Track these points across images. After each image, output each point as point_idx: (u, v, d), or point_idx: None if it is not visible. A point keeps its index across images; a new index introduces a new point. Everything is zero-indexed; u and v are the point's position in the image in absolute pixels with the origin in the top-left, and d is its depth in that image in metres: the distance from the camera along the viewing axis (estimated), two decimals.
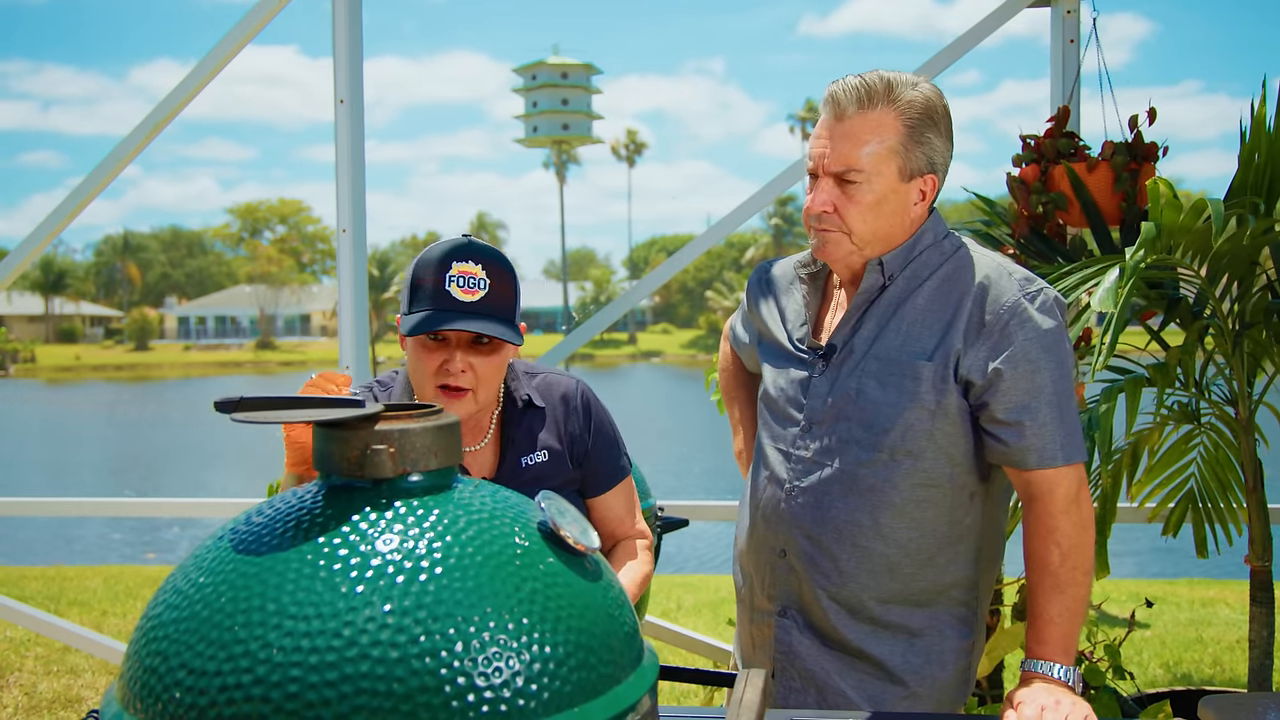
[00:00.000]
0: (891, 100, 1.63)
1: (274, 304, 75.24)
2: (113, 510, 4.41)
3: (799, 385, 1.78)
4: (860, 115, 1.63)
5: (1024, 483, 1.66)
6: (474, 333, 1.60)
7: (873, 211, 1.65)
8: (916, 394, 1.65)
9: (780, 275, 1.94)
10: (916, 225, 1.71)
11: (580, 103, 78.19)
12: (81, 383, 51.54)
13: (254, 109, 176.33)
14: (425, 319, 1.58)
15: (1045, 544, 1.62)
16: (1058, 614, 1.60)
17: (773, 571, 1.78)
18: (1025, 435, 1.62)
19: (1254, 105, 2.54)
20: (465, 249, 1.62)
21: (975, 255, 1.72)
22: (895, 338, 1.68)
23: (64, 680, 4.39)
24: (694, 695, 3.94)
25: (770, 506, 1.78)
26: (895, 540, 1.69)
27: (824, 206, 1.65)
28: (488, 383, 1.64)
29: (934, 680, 1.72)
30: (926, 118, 1.65)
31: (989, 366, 1.62)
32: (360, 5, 3.29)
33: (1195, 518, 2.84)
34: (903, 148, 1.64)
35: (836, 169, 1.64)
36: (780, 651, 1.78)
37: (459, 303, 1.58)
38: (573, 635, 0.82)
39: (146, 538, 10.78)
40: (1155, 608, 4.79)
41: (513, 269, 1.67)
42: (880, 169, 1.63)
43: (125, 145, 3.50)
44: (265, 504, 0.89)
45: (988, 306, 1.64)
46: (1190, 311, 2.67)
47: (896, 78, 1.65)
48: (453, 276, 1.59)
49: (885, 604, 1.71)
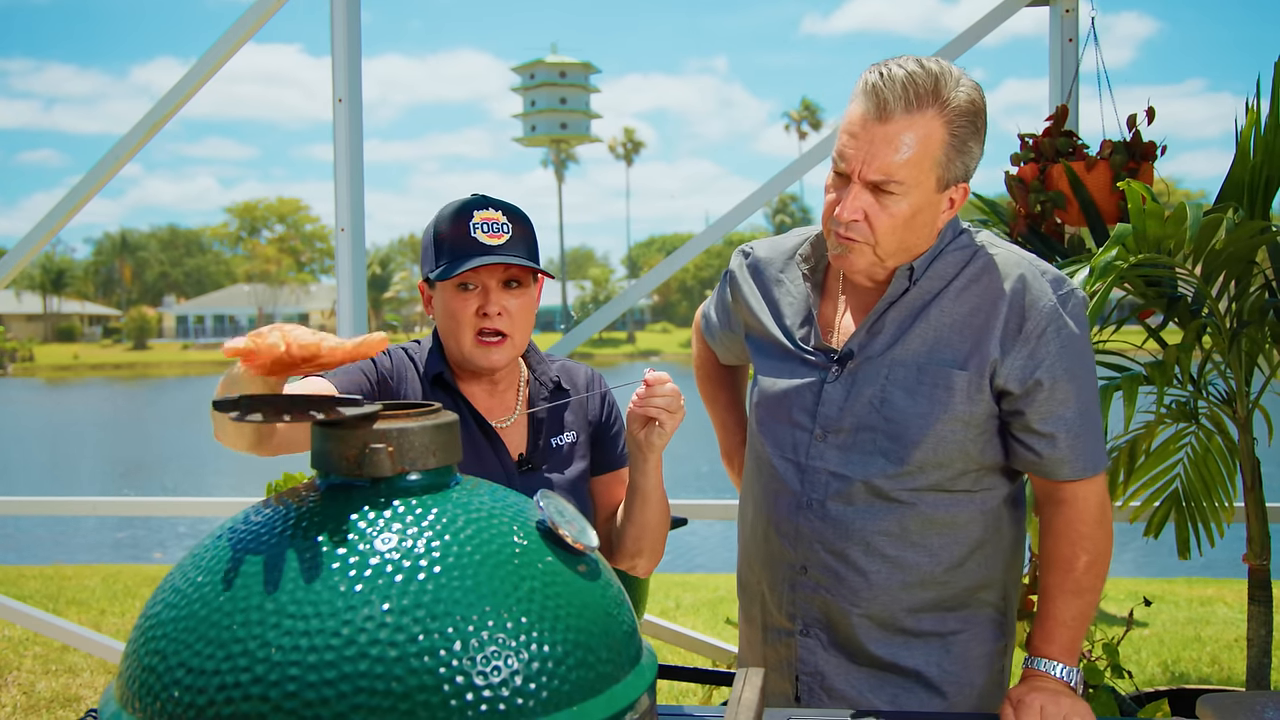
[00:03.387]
0: (939, 102, 1.50)
1: (272, 303, 75.17)
2: (112, 510, 4.41)
3: (809, 391, 1.66)
4: (906, 118, 1.49)
5: (1052, 487, 1.61)
6: (505, 276, 1.65)
7: (905, 225, 1.54)
8: (949, 404, 1.56)
9: (768, 262, 1.81)
10: (937, 232, 1.62)
11: (578, 101, 78.22)
12: (80, 382, 51.49)
13: (256, 108, 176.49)
14: (458, 262, 1.62)
15: (1074, 549, 1.58)
16: (1071, 618, 1.58)
17: (792, 589, 1.68)
18: (1059, 446, 1.57)
19: (1249, 104, 2.55)
20: (482, 200, 1.68)
21: (1001, 252, 1.63)
22: (921, 343, 1.59)
23: (62, 679, 4.39)
24: (693, 694, 3.94)
25: (784, 521, 1.67)
26: (927, 548, 1.61)
27: (855, 215, 1.53)
28: (522, 325, 1.69)
29: (971, 686, 1.66)
30: (971, 124, 1.53)
31: (1028, 376, 1.55)
32: (359, 4, 3.29)
33: (1179, 518, 2.84)
34: (945, 158, 1.52)
35: (875, 178, 1.51)
36: (805, 672, 1.68)
37: (487, 246, 1.63)
38: (571, 634, 0.82)
39: (154, 536, 10.77)
40: (1153, 606, 4.79)
41: (529, 218, 1.72)
42: (920, 180, 1.51)
43: (124, 144, 3.50)
44: (264, 503, 0.89)
45: (1026, 312, 1.55)
46: (1188, 310, 2.67)
47: (942, 72, 1.51)
48: (476, 224, 1.63)
49: (917, 613, 1.63)
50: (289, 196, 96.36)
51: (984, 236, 1.67)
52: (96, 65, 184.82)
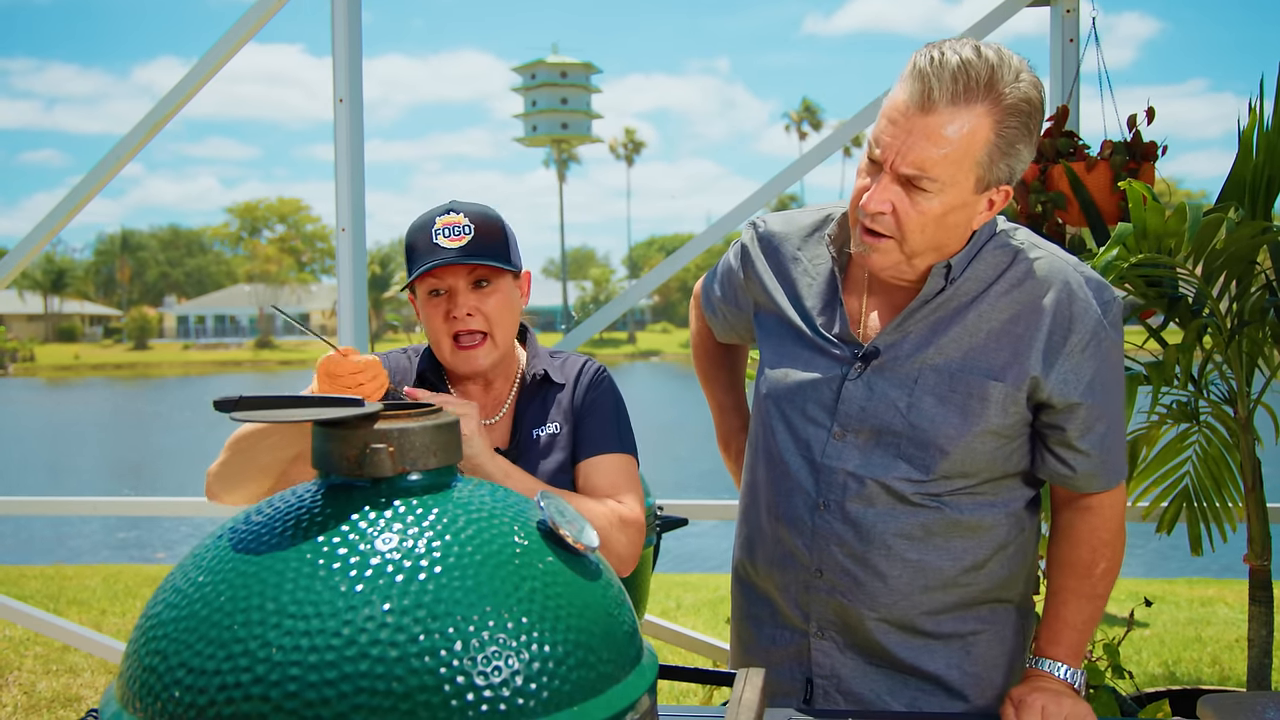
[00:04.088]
0: (992, 96, 1.37)
1: (273, 303, 75.22)
2: (112, 510, 4.41)
3: (828, 386, 1.57)
4: (951, 111, 1.36)
5: (1076, 494, 1.59)
6: (472, 277, 1.69)
7: (935, 224, 1.43)
8: (984, 416, 1.49)
9: (783, 238, 1.69)
10: (971, 234, 1.51)
11: (579, 102, 78.22)
12: (81, 382, 51.49)
13: (258, 108, 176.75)
14: (418, 266, 1.68)
15: (1094, 555, 1.57)
16: (1081, 621, 1.57)
17: (806, 591, 1.61)
18: (1093, 461, 1.54)
19: (1251, 104, 2.55)
20: (448, 206, 1.73)
21: (1043, 253, 1.54)
22: (956, 349, 1.51)
23: (63, 679, 4.39)
24: (693, 694, 3.94)
25: (798, 521, 1.60)
26: (950, 551, 1.55)
27: (882, 207, 1.42)
28: (500, 322, 1.71)
29: (993, 688, 1.61)
30: (1023, 125, 1.40)
31: (1071, 392, 1.49)
32: (359, 4, 3.29)
33: (1190, 516, 2.84)
34: (988, 158, 1.40)
35: (908, 171, 1.40)
36: (821, 675, 1.62)
37: (447, 249, 1.67)
38: (572, 634, 0.82)
39: (155, 537, 10.77)
40: (1154, 607, 4.79)
41: (499, 216, 1.74)
42: (957, 179, 1.40)
43: (125, 144, 3.50)
44: (265, 503, 0.89)
45: (1072, 325, 1.48)
46: (1189, 310, 2.67)
47: (1000, 63, 1.37)
48: (438, 230, 1.69)
49: (936, 616, 1.58)
50: (290, 196, 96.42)
51: (1023, 236, 1.58)
52: (98, 65, 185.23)
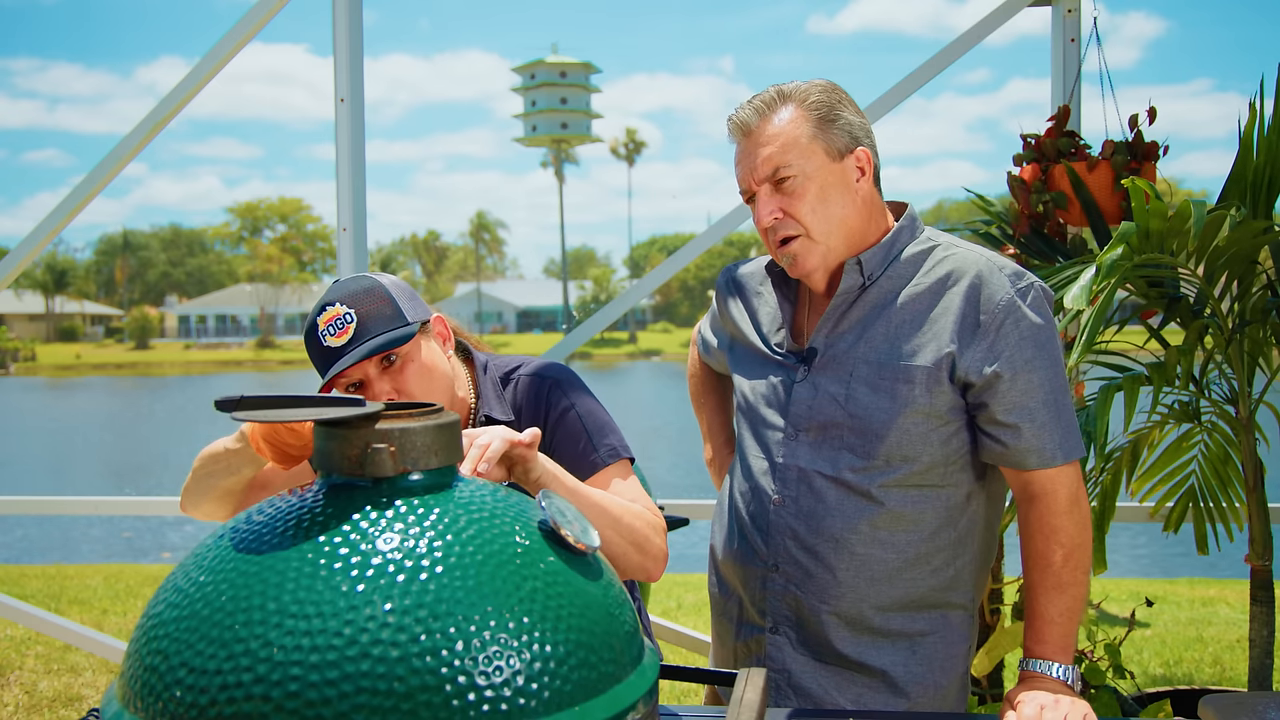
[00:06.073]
0: (789, 101, 1.64)
1: (274, 303, 75.29)
2: (113, 509, 4.41)
3: (779, 391, 1.73)
4: (765, 120, 1.64)
5: (1023, 482, 1.63)
6: (375, 361, 1.62)
7: (820, 200, 1.62)
8: (911, 398, 1.61)
9: (749, 277, 1.90)
10: (871, 207, 1.68)
11: (579, 102, 78.25)
12: (82, 381, 51.53)
13: (261, 107, 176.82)
14: (320, 373, 1.64)
15: (1048, 544, 1.60)
16: (1058, 614, 1.59)
17: (764, 587, 1.72)
18: (1023, 436, 1.60)
19: (1252, 103, 2.54)
20: (324, 300, 1.66)
21: (961, 251, 1.68)
22: (882, 340, 1.64)
23: (64, 679, 4.39)
24: (694, 694, 3.94)
25: (757, 518, 1.73)
26: (894, 545, 1.65)
27: (772, 215, 1.63)
28: (426, 388, 1.65)
29: (936, 688, 1.68)
30: (827, 101, 1.65)
31: (986, 369, 1.59)
32: (361, 5, 3.29)
33: (1196, 515, 2.84)
34: (818, 130, 1.63)
35: (766, 173, 1.63)
36: (774, 670, 1.72)
37: (335, 350, 1.61)
38: (573, 634, 0.82)
39: (157, 537, 10.77)
40: (1155, 607, 4.79)
41: (378, 283, 1.66)
42: (807, 155, 1.62)
43: (126, 143, 3.50)
44: (266, 503, 0.89)
45: (981, 305, 1.60)
46: (1190, 310, 2.67)
47: (785, 85, 1.67)
48: (322, 332, 1.63)
49: (885, 612, 1.67)
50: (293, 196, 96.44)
51: (944, 238, 1.72)
52: (101, 65, 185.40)
